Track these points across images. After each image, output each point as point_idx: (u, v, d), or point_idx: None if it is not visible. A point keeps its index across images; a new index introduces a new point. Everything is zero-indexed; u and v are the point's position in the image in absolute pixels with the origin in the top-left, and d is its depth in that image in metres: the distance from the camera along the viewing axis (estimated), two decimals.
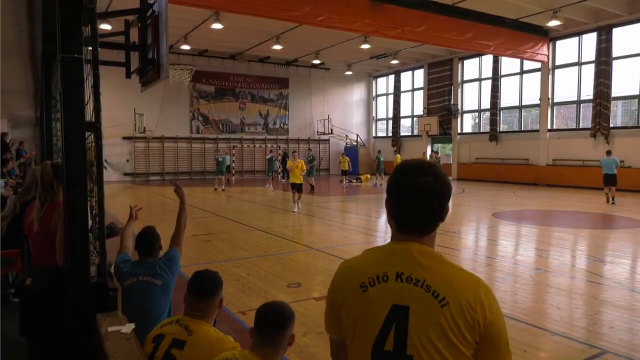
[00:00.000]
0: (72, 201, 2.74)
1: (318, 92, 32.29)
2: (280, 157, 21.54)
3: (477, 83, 26.85)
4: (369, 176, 26.09)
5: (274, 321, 2.17)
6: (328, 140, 32.50)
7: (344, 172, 22.84)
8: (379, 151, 25.11)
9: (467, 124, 28.21)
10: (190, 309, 2.50)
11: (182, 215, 3.67)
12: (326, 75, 32.24)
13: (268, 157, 21.87)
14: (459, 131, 27.71)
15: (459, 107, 27.61)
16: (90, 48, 2.96)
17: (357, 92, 34.28)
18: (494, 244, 9.20)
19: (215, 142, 28.91)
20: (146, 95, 23.50)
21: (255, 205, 15.49)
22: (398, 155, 26.61)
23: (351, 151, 31.85)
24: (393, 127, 32.09)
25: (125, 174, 26.46)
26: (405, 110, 31.93)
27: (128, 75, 4.67)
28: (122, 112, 25.00)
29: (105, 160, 13.10)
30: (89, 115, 2.90)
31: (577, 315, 5.14)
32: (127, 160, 26.47)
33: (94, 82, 2.90)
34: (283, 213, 13.55)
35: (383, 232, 10.70)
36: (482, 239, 9.89)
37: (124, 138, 26.22)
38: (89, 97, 2.92)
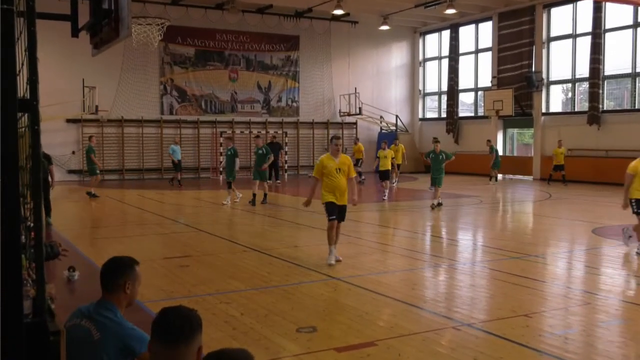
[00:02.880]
0: None
1: (341, 56, 32.31)
2: (264, 149, 18.08)
3: (569, 41, 26.55)
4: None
5: (177, 328, 2.48)
6: (355, 123, 32.50)
7: (383, 175, 19.32)
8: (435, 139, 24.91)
9: (556, 99, 27.87)
10: None
11: None
12: (352, 31, 32.23)
13: (228, 150, 18.12)
14: (543, 110, 27.43)
15: (544, 75, 27.32)
16: None
17: (396, 56, 34.18)
18: (594, 273, 9.08)
19: (196, 126, 29.13)
20: (100, 61, 23.82)
21: (253, 215, 15.56)
22: (360, 144, 26.01)
23: (388, 139, 31.78)
24: (448, 105, 31.90)
25: (70, 172, 26.84)
26: (465, 80, 31.73)
27: (75, 33, 4.73)
28: (67, 84, 25.35)
29: (44, 152, 13.28)
30: (21, 89, 2.94)
31: None
32: (73, 152, 26.86)
33: (29, 43, 2.94)
34: (291, 227, 13.56)
35: (431, 256, 10.64)
36: (577, 266, 9.77)
37: (69, 121, 26.60)
38: (22, 64, 2.97)
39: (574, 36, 26.34)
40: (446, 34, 32.29)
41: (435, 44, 33.91)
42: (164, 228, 13.47)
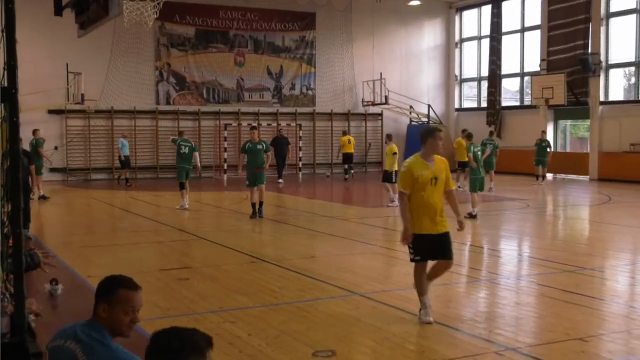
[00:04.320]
0: None
1: (364, 37, 32.26)
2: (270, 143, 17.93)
3: (633, 17, 26.27)
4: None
5: (174, 352, 2.55)
6: (380, 114, 32.45)
7: (386, 176, 18.07)
8: (492, 133, 24.82)
9: (617, 86, 27.61)
10: None
11: None
12: (377, 7, 32.14)
13: (177, 140, 18.18)
14: (601, 98, 27.18)
15: (602, 58, 27.07)
16: None
17: (428, 36, 34.04)
18: None
19: (197, 118, 29.24)
20: (86, 43, 23.91)
21: (262, 221, 15.59)
22: (349, 137, 28.14)
23: (418, 132, 31.61)
24: (489, 93, 31.71)
25: (53, 170, 27.06)
26: (509, 64, 31.53)
27: (58, 11, 4.78)
28: (49, 70, 25.55)
29: (23, 149, 13.22)
30: None
31: None
32: (56, 148, 27.05)
33: (6, 22, 2.98)
34: (306, 234, 13.56)
35: (470, 269, 10.59)
36: None
37: (51, 112, 26.83)
38: None
39: (638, 11, 26.06)
40: (487, 9, 32.10)
41: (474, 21, 33.71)
42: (160, 235, 13.54)
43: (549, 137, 28.57)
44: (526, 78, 30.72)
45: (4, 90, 3.02)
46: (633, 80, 26.99)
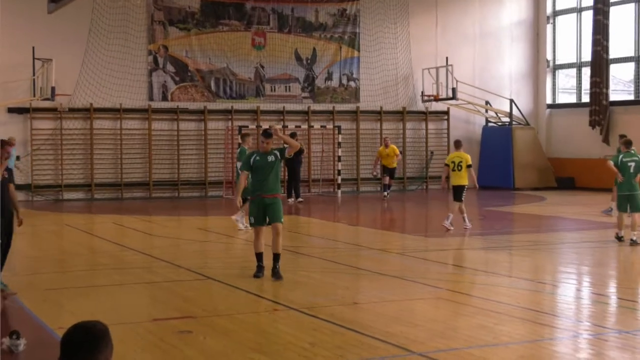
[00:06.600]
0: None
1: (424, 10, 32.32)
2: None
3: None
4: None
5: (80, 342, 3.28)
6: (446, 112, 32.39)
7: (456, 192, 18.75)
8: (624, 137, 24.65)
9: None
10: None
11: None
12: None
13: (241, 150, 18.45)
14: None
15: None
16: None
17: (511, 8, 33.95)
18: None
19: (202, 118, 29.41)
20: (58, 21, 24.34)
21: (287, 255, 15.58)
22: (392, 147, 27.52)
23: (498, 136, 31.49)
24: (593, 84, 31.41)
25: (15, 187, 27.35)
26: (620, 45, 31.28)
27: None
28: (9, 56, 25.88)
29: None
30: None
31: None
32: (18, 158, 27.37)
33: None
34: (347, 273, 13.54)
35: (566, 320, 10.48)
36: None
37: (12, 110, 27.21)
38: None
39: None
40: None
41: None
42: (154, 274, 13.58)
43: None
44: None
45: None
46: None
